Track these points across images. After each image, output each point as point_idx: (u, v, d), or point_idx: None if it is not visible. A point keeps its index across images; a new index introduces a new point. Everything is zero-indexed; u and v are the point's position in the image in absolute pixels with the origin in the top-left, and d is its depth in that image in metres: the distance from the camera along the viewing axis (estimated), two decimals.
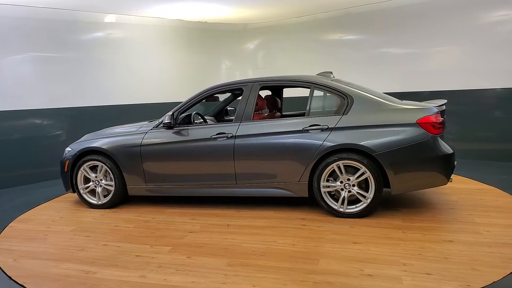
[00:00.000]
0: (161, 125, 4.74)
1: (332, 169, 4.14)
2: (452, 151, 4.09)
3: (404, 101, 4.48)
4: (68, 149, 5.13)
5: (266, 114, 5.33)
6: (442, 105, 4.28)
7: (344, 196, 4.14)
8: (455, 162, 4.19)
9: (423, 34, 7.20)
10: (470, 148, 6.96)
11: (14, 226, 4.53)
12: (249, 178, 4.46)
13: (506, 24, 6.42)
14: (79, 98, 7.18)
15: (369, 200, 4.08)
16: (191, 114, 5.02)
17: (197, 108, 6.64)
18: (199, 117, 5.22)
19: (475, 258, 3.12)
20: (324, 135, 4.15)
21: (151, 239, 3.89)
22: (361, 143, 4.01)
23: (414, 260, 3.14)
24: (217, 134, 4.51)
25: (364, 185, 4.12)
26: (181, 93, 6.16)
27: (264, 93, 5.59)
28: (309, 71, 5.52)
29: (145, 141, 4.75)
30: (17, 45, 6.46)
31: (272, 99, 5.52)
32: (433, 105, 4.17)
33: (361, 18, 7.82)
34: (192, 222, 4.30)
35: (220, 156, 4.48)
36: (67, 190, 5.14)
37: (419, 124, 3.97)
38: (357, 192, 4.10)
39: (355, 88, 4.33)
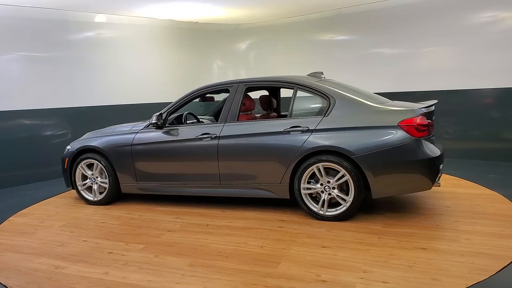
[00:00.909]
0: (150, 125, 4.84)
1: (313, 171, 4.08)
2: (438, 154, 3.91)
3: (394, 102, 4.35)
4: (68, 147, 5.35)
5: (258, 115, 5.32)
6: (431, 106, 4.11)
7: (324, 199, 4.07)
8: (441, 165, 4.02)
9: (415, 34, 7.15)
10: (470, 147, 6.81)
11: (12, 220, 4.77)
12: (233, 179, 4.47)
13: (496, 25, 6.44)
14: (70, 99, 7.12)
15: (348, 204, 3.98)
16: (183, 114, 5.10)
17: (195, 108, 6.67)
18: (192, 117, 5.29)
19: (441, 268, 2.98)
20: (304, 136, 4.09)
21: (129, 236, 3.99)
22: (340, 145, 3.92)
23: (377, 268, 3.04)
24: (202, 135, 4.55)
25: (345, 188, 4.03)
26: (173, 93, 6.22)
27: (260, 93, 5.58)
28: (301, 71, 5.45)
29: (136, 140, 4.87)
30: (5, 45, 6.40)
31: (267, 99, 5.48)
32: (420, 106, 4.01)
33: (353, 19, 7.75)
34: (174, 221, 4.37)
35: (205, 156, 4.52)
36: (67, 186, 5.37)
37: (401, 126, 3.84)
38: (337, 195, 4.02)
39: (338, 89, 4.23)
